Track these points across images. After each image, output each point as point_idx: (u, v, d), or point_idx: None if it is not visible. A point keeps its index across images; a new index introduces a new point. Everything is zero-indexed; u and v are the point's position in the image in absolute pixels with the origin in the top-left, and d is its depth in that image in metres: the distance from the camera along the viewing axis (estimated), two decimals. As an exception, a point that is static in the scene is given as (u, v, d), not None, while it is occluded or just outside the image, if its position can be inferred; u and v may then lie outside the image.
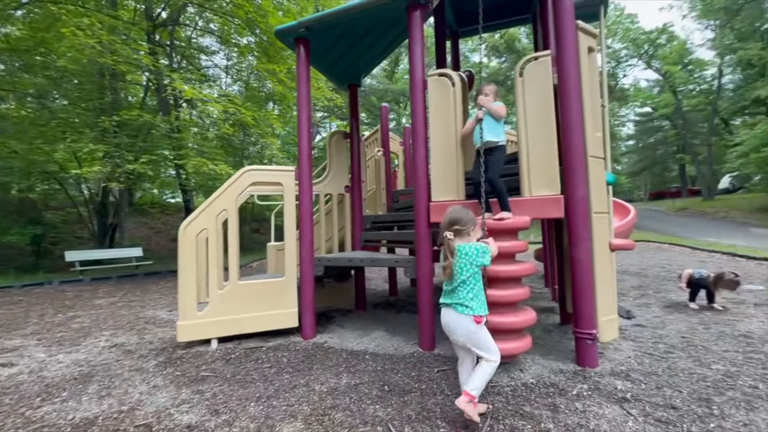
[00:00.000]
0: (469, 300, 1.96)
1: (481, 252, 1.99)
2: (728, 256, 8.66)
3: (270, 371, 2.78)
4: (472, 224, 2.06)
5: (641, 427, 1.86)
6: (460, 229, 2.02)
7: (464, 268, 1.97)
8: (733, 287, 4.07)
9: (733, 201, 23.55)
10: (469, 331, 1.95)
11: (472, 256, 1.97)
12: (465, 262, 1.97)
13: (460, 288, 1.98)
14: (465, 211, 2.09)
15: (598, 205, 2.74)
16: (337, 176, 4.63)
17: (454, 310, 1.98)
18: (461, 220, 2.03)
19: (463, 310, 1.95)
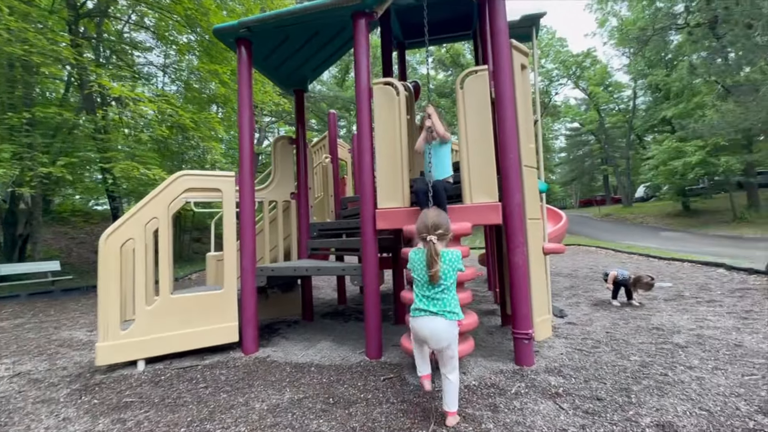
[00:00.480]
0: (455, 306, 1.98)
1: (459, 257, 2.03)
2: (644, 257, 9.68)
3: (205, 392, 2.58)
4: (450, 229, 2.08)
5: (571, 419, 1.98)
6: (443, 234, 2.00)
7: (449, 273, 1.97)
8: (649, 288, 4.55)
9: (648, 208, 26.57)
10: (454, 336, 1.96)
11: (455, 262, 1.99)
12: (449, 268, 1.97)
13: (445, 294, 1.97)
14: (444, 215, 2.09)
15: (532, 212, 2.92)
16: (282, 183, 4.48)
17: (444, 318, 1.94)
18: (443, 225, 2.01)
19: (452, 317, 1.95)
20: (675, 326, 3.59)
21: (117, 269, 2.93)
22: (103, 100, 9.62)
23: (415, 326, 2.03)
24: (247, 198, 3.37)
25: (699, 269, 7.00)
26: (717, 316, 3.84)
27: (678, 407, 2.03)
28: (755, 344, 2.96)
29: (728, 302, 4.39)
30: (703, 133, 15.22)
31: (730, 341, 3.05)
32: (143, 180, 7.32)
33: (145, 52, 11.66)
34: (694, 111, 20.25)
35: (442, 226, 2.01)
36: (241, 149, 3.44)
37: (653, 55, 24.92)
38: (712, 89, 19.00)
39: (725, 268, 6.70)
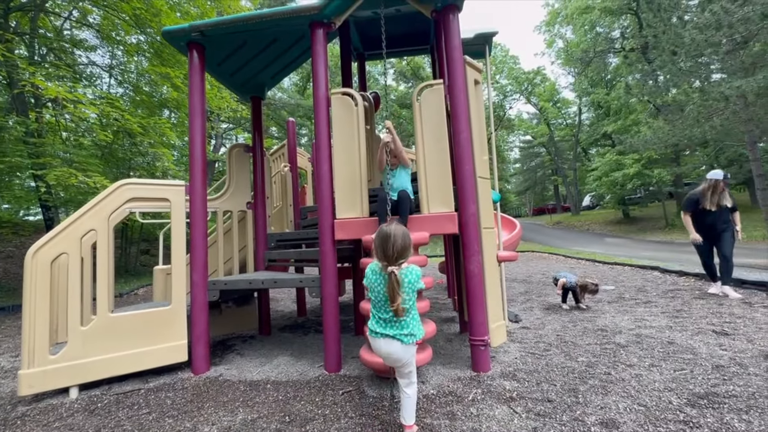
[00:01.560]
0: (414, 327, 1.91)
1: (419, 275, 1.90)
2: (590, 262, 10.34)
3: (148, 418, 2.38)
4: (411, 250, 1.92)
5: (524, 423, 2.05)
6: (404, 261, 1.86)
7: (408, 297, 1.86)
8: (594, 293, 4.86)
9: (593, 216, 28.56)
10: (411, 355, 1.93)
11: (414, 284, 1.87)
12: (409, 291, 1.86)
13: (405, 316, 1.88)
14: (408, 238, 1.90)
15: (486, 221, 3.03)
16: (237, 192, 4.32)
17: (401, 342, 1.88)
18: (407, 251, 1.85)
19: (409, 340, 1.89)
20: (617, 327, 3.85)
21: (46, 287, 2.66)
22: (37, 101, 8.81)
23: (372, 345, 2.00)
24: (198, 208, 3.21)
25: (638, 272, 7.58)
26: (653, 316, 4.17)
27: (619, 404, 2.17)
28: (684, 341, 3.24)
29: (662, 303, 4.78)
30: (638, 148, 16.67)
31: (664, 339, 3.32)
32: (82, 188, 6.75)
33: (88, 52, 10.88)
34: (630, 127, 22.19)
35: (406, 254, 1.86)
36: (191, 157, 3.28)
37: (595, 75, 27.12)
38: (645, 108, 20.96)
39: (659, 271, 7.31)
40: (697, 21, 11.84)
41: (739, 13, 10.15)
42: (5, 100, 9.31)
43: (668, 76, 14.80)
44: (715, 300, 4.69)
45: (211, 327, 4.04)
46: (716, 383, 2.35)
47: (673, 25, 13.51)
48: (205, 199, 3.27)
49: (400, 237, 1.85)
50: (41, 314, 2.63)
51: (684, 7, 14.37)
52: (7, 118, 8.04)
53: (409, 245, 1.87)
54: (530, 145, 39.08)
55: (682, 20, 13.98)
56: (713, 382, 2.36)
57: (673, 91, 15.57)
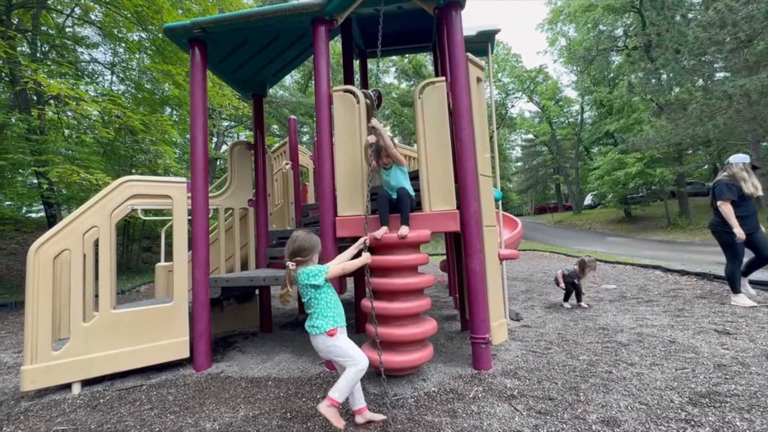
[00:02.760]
0: (315, 319, 2.08)
1: (312, 275, 2.06)
2: (592, 261, 10.32)
3: (150, 414, 2.39)
4: (314, 252, 2.14)
5: (525, 420, 2.05)
6: (302, 260, 2.10)
7: (303, 292, 2.10)
8: (594, 267, 4.82)
9: (595, 215, 28.50)
10: (326, 346, 2.06)
11: (303, 280, 2.07)
12: (302, 287, 2.10)
13: (311, 309, 2.11)
14: (309, 238, 2.14)
15: (488, 219, 3.02)
16: (239, 189, 4.33)
17: (310, 333, 2.09)
18: (304, 250, 2.10)
19: (313, 330, 2.07)
20: (618, 326, 3.84)
21: (48, 283, 2.67)
22: (40, 98, 8.83)
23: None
24: (200, 205, 3.21)
25: (639, 271, 7.57)
26: (654, 315, 4.16)
27: (621, 402, 2.16)
28: (686, 340, 3.23)
29: (664, 302, 4.77)
30: (640, 147, 16.62)
31: (666, 338, 3.31)
32: (85, 185, 6.77)
33: (90, 49, 10.89)
34: (633, 126, 22.11)
35: (302, 252, 2.10)
36: (193, 154, 3.28)
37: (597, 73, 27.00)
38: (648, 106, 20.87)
39: (661, 270, 7.29)
40: (700, 19, 11.78)
41: (744, 11, 10.09)
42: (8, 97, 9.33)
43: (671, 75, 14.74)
44: (717, 299, 4.68)
45: (213, 324, 4.05)
46: (718, 382, 2.34)
47: (676, 23, 13.44)
48: (206, 197, 3.27)
49: (299, 240, 2.12)
50: (44, 310, 2.64)
51: (688, 5, 14.30)
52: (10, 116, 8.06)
53: (307, 248, 2.11)
54: (532, 144, 39.01)
55: (686, 18, 13.92)
56: (715, 381, 2.35)
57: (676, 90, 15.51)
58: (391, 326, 2.54)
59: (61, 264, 3.04)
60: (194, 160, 3.27)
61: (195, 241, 3.16)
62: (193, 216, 3.19)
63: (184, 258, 3.13)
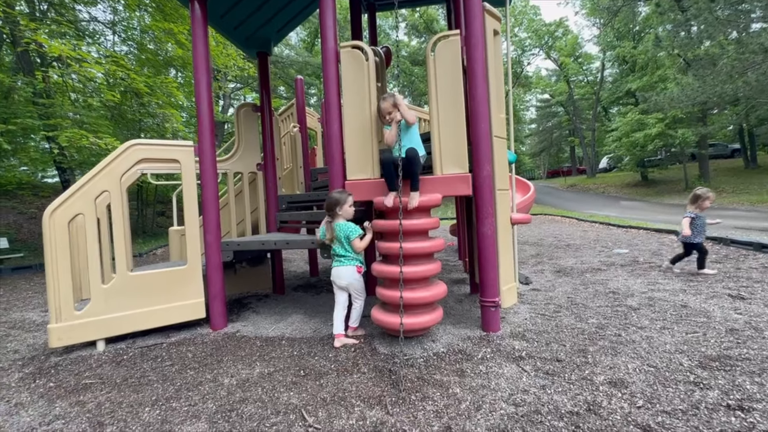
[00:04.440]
0: (347, 258, 2.76)
1: (349, 230, 2.71)
2: (604, 225, 10.20)
3: (171, 370, 2.51)
4: (341, 204, 2.72)
5: (533, 381, 2.09)
6: (334, 213, 2.75)
7: (338, 241, 2.76)
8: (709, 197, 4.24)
9: (609, 178, 27.82)
10: (353, 278, 2.76)
11: (339, 233, 2.73)
12: (337, 237, 2.75)
13: (340, 252, 2.78)
14: (335, 195, 2.75)
15: (501, 183, 2.93)
16: (247, 153, 4.27)
17: (341, 264, 2.76)
18: (334, 204, 2.72)
19: (347, 262, 2.75)
20: (629, 290, 3.83)
21: (65, 246, 2.73)
22: (43, 61, 8.66)
23: (332, 272, 2.83)
24: (208, 169, 3.18)
25: (653, 236, 7.46)
26: (667, 279, 4.12)
27: (629, 365, 2.18)
28: (698, 304, 3.21)
29: (677, 266, 4.71)
30: (663, 106, 15.83)
31: (677, 302, 3.29)
32: (94, 150, 6.77)
33: (89, 7, 10.49)
34: (656, 84, 20.95)
35: (333, 207, 2.73)
36: (199, 116, 3.21)
37: (622, 26, 25.25)
38: (674, 62, 19.63)
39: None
40: (741, -38, 10.71)
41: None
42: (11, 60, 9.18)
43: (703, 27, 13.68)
44: (733, 264, 4.61)
45: (227, 286, 4.16)
46: (729, 346, 2.34)
47: (713, -33, 12.28)
48: (214, 160, 3.23)
49: (330, 197, 2.75)
50: (63, 272, 2.72)
51: (728, -55, 12.97)
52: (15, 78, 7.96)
53: (333, 202, 2.72)
54: (547, 104, 37.49)
55: (725, -39, 12.69)
56: (726, 345, 2.35)
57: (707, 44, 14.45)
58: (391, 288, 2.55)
59: (77, 228, 3.10)
60: (200, 121, 3.20)
61: (205, 205, 3.16)
62: (202, 180, 3.18)
63: (195, 222, 3.15)
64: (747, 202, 14.40)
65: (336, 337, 2.74)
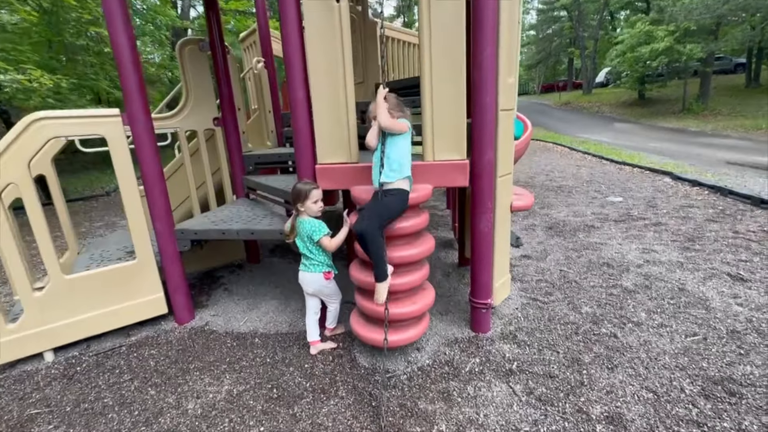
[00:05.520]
0: (312, 263, 2.39)
1: (312, 230, 2.28)
2: (597, 159, 9.85)
3: (130, 387, 2.28)
4: (303, 199, 2.24)
5: (524, 410, 1.93)
6: (299, 209, 2.29)
7: (300, 241, 2.37)
8: None
9: (605, 95, 26.58)
10: (320, 285, 2.41)
11: (302, 231, 2.32)
12: (299, 236, 2.36)
13: (303, 254, 2.40)
14: (297, 187, 2.26)
15: (504, 167, 2.45)
16: (199, 106, 3.53)
17: (305, 270, 2.41)
18: (295, 198, 2.26)
19: (312, 269, 2.39)
20: (624, 260, 3.65)
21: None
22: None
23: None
24: (145, 144, 2.55)
25: (647, 178, 7.19)
26: (662, 246, 3.94)
27: (627, 388, 2.03)
28: (696, 287, 3.05)
29: (673, 225, 4.52)
30: (677, 18, 14.25)
31: (675, 284, 3.13)
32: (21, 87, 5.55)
33: None
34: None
35: (296, 201, 2.28)
36: (120, 67, 2.44)
37: None
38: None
39: (671, 177, 6.91)
40: None
41: None
42: None
43: None
44: (730, 225, 4.43)
45: (195, 261, 3.82)
46: (732, 360, 2.19)
47: None
48: (150, 130, 2.58)
49: (293, 190, 2.29)
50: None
51: None
52: None
53: (295, 195, 2.27)
54: (551, 7, 33.75)
55: None
56: (729, 359, 2.20)
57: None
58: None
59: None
60: (123, 77, 2.45)
61: (149, 190, 2.62)
62: (138, 157, 2.57)
63: (138, 211, 2.64)
64: (741, 128, 14.02)
65: (311, 344, 2.50)
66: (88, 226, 6.31)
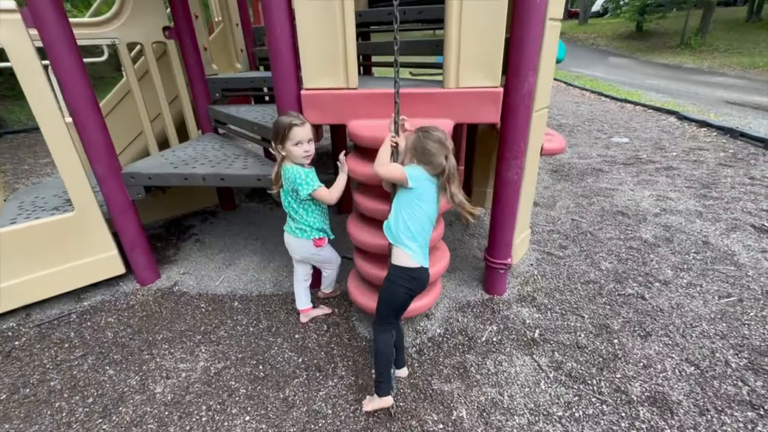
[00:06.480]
0: (299, 227, 1.89)
1: (297, 181, 1.73)
2: (596, 96, 9.31)
3: (82, 366, 1.89)
4: (283, 137, 1.69)
5: (554, 390, 1.68)
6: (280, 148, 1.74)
7: (284, 194, 1.85)
8: None
9: (601, 26, 25.09)
10: (310, 253, 1.95)
11: (286, 182, 1.78)
12: (284, 188, 1.83)
13: (288, 212, 1.90)
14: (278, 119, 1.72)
15: (542, 98, 1.95)
16: (142, 9, 2.71)
17: (291, 234, 1.93)
18: (274, 134, 1.72)
19: (298, 234, 1.89)
20: (638, 209, 3.37)
21: None
22: None
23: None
24: (62, 56, 1.86)
25: (651, 117, 6.78)
26: (677, 193, 3.66)
27: (665, 361, 1.80)
28: (720, 240, 2.82)
29: (685, 170, 4.22)
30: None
31: (697, 237, 2.88)
32: None
33: None
34: None
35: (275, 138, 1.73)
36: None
37: None
38: None
39: (676, 117, 6.52)
40: None
41: None
42: None
43: None
44: (744, 169, 4.17)
45: (159, 209, 3.28)
46: (774, 326, 1.99)
47: None
48: (68, 37, 1.87)
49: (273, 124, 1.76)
50: None
51: None
52: None
53: (273, 131, 1.73)
54: None
55: None
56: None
57: None
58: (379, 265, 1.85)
59: None
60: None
61: (79, 123, 1.98)
62: (58, 78, 1.90)
63: (67, 148, 2.02)
64: (738, 66, 13.56)
65: (301, 312, 2.13)
66: (32, 164, 5.47)
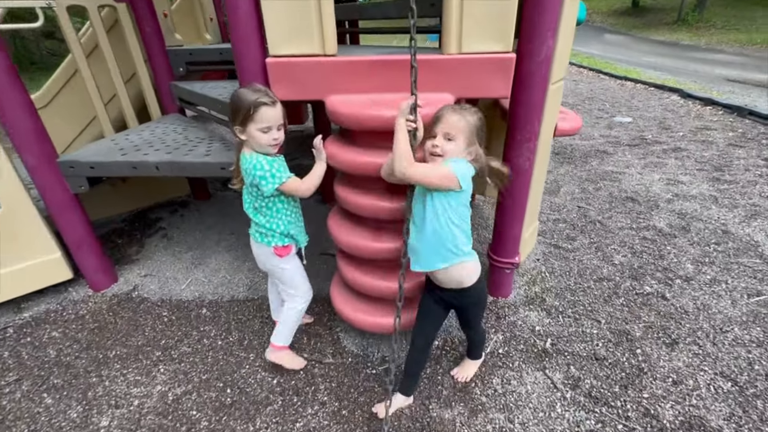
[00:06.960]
0: (260, 230, 1.46)
1: (258, 173, 1.29)
2: (595, 73, 8.96)
3: (14, 395, 1.58)
4: (244, 118, 1.26)
5: (571, 415, 1.43)
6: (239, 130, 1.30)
7: (245, 188, 1.44)
8: None
9: (597, 2, 24.42)
10: (271, 264, 1.52)
11: (246, 174, 1.34)
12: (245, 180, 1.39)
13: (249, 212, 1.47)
14: (237, 93, 1.29)
15: (559, 69, 1.63)
16: (81, -36, 2.28)
17: (253, 238, 1.52)
18: (231, 113, 1.30)
19: (258, 238, 1.48)
20: (649, 194, 3.11)
21: None
22: None
23: None
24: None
25: (653, 95, 6.48)
26: (689, 176, 3.41)
27: (697, 376, 1.56)
28: (740, 229, 2.58)
29: (694, 151, 3.97)
30: None
31: (716, 225, 2.63)
32: None
33: None
34: None
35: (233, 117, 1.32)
36: None
37: None
38: None
39: (680, 95, 6.23)
40: None
41: None
42: None
43: None
44: (756, 150, 3.93)
45: (121, 201, 2.93)
46: (814, 331, 1.76)
47: None
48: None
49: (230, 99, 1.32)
50: None
51: None
52: None
53: (232, 108, 1.30)
54: None
55: None
56: (810, 329, 1.77)
57: None
58: (369, 272, 1.57)
59: None
60: None
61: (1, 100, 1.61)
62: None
63: (-16, 132, 1.66)
64: (735, 43, 13.24)
65: (277, 323, 1.69)
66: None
